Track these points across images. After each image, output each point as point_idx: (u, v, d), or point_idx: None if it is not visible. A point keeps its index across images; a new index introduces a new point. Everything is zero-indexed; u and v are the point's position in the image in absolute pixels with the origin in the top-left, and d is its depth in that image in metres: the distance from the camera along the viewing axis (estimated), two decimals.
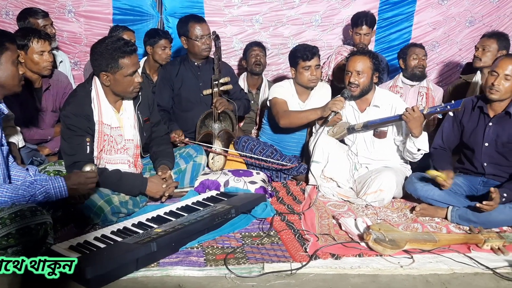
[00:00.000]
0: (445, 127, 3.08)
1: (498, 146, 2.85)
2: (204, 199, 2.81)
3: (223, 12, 4.58)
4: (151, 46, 3.94)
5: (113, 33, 3.89)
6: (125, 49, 2.57)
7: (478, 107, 2.91)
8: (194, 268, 2.09)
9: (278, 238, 2.47)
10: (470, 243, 2.44)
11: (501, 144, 2.84)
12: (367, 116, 3.24)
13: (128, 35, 3.80)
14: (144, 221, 2.43)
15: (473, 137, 2.94)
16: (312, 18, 4.70)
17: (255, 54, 4.12)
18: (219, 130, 3.55)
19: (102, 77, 2.61)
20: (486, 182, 2.93)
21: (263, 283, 2.00)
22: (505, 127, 2.82)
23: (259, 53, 4.13)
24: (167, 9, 4.50)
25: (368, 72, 3.15)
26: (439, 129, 3.12)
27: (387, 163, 3.24)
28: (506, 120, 2.82)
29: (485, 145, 2.89)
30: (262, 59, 4.15)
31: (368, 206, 3.00)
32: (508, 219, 2.66)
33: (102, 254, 2.02)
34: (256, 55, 4.12)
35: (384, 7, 4.71)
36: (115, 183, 2.64)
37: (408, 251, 2.31)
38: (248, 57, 4.16)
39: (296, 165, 3.38)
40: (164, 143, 3.06)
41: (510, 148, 2.83)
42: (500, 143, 2.84)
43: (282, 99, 3.44)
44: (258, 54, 4.13)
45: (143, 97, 2.86)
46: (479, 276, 2.14)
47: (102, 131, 2.67)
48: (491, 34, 3.67)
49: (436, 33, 4.81)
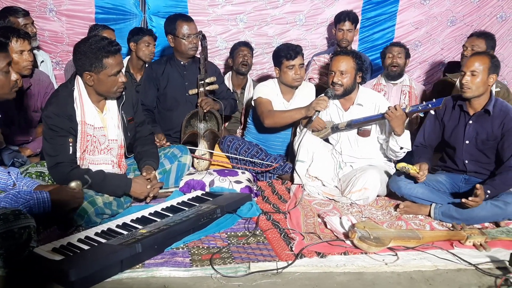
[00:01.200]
0: (427, 125, 3.12)
1: (478, 144, 2.91)
2: (190, 199, 2.80)
3: (207, 11, 4.56)
4: (135, 43, 3.92)
5: (92, 32, 3.86)
6: (109, 48, 2.53)
7: (458, 105, 2.96)
8: (180, 268, 2.08)
9: (264, 237, 2.47)
10: (453, 240, 2.48)
11: (481, 142, 2.89)
12: (350, 115, 3.27)
13: (108, 34, 3.76)
14: (128, 222, 2.41)
15: (454, 135, 2.99)
16: (296, 17, 4.71)
17: (243, 55, 4.11)
18: (205, 130, 3.54)
19: (86, 77, 2.58)
20: (468, 180, 2.98)
21: (249, 283, 2.00)
22: (484, 124, 2.87)
23: (247, 54, 4.12)
24: (150, 8, 4.46)
25: (351, 72, 3.17)
26: (421, 127, 3.17)
27: (371, 161, 3.27)
28: (485, 118, 2.87)
29: (466, 142, 2.93)
30: (249, 59, 4.14)
31: (353, 204, 3.02)
32: (489, 216, 2.71)
33: (86, 256, 2.00)
34: (244, 55, 4.11)
35: (367, 6, 4.74)
36: (99, 184, 2.61)
37: (393, 248, 2.34)
38: (235, 56, 4.15)
39: (279, 164, 3.38)
40: (149, 143, 3.03)
41: (489, 146, 2.88)
42: (480, 140, 2.89)
43: (266, 98, 3.44)
44: (246, 55, 4.11)
45: (127, 96, 2.83)
46: (462, 272, 2.18)
47: (85, 132, 2.63)
48: (480, 34, 3.74)
49: (419, 32, 4.87)
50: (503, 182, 2.77)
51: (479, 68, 2.78)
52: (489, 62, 2.79)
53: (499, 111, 2.84)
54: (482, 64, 2.79)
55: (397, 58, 3.95)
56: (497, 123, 2.83)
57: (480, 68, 2.78)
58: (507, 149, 2.81)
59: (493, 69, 2.80)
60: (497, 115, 2.84)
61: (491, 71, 2.80)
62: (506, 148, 2.81)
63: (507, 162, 2.80)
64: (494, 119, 2.84)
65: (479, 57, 2.84)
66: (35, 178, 2.61)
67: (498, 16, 4.89)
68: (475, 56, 2.88)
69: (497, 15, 4.88)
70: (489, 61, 2.80)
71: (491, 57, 2.85)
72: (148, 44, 3.93)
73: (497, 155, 2.89)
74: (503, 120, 2.81)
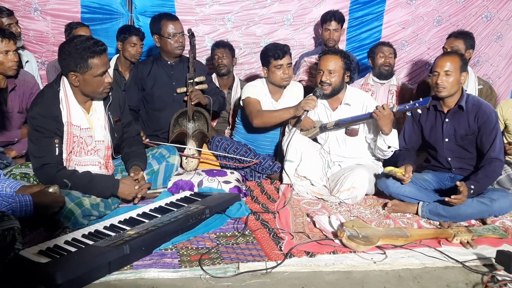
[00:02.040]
0: (406, 128, 3.17)
1: (458, 140, 2.96)
2: (178, 199, 2.78)
3: (194, 11, 4.54)
4: (122, 42, 3.90)
5: (67, 31, 3.82)
6: (94, 48, 2.51)
7: (432, 105, 3.01)
8: (169, 269, 2.06)
9: (253, 237, 2.47)
10: (440, 238, 2.50)
11: (460, 138, 2.94)
12: (338, 114, 3.28)
13: (84, 31, 3.72)
14: (116, 223, 2.39)
15: (433, 134, 3.03)
16: (284, 17, 4.72)
17: (218, 57, 4.10)
18: (194, 129, 3.52)
19: (71, 77, 2.55)
20: (453, 178, 3.02)
21: (238, 283, 1.99)
22: (460, 120, 2.93)
23: (221, 55, 4.09)
24: (137, 7, 4.42)
25: (339, 71, 3.18)
26: (401, 131, 3.20)
27: (359, 160, 3.29)
28: (460, 114, 2.92)
29: (446, 140, 2.98)
30: (225, 60, 4.10)
31: (341, 203, 3.04)
32: (475, 213, 2.75)
33: (73, 258, 1.97)
34: (218, 57, 4.09)
35: (354, 6, 4.76)
36: (86, 185, 2.58)
37: (381, 247, 2.35)
38: (213, 59, 4.15)
39: (259, 160, 3.38)
40: (136, 144, 3.01)
41: (468, 140, 2.93)
42: (459, 136, 2.94)
43: (255, 98, 3.44)
44: (220, 57, 4.09)
45: (114, 97, 2.81)
46: (449, 270, 2.20)
47: (71, 133, 2.60)
48: (457, 34, 3.77)
49: (405, 32, 4.90)
50: (486, 175, 2.80)
51: (451, 67, 2.85)
52: (460, 61, 2.88)
53: (471, 106, 2.90)
54: (454, 64, 2.86)
55: (389, 58, 3.98)
56: (472, 117, 2.89)
57: (452, 67, 2.85)
58: (486, 142, 2.86)
59: (464, 67, 2.88)
60: (470, 110, 2.90)
61: (462, 69, 2.88)
62: (485, 141, 2.86)
63: (487, 154, 2.86)
64: (468, 114, 2.90)
65: (450, 57, 2.91)
66: (20, 179, 2.58)
67: (483, 16, 4.95)
68: (446, 56, 2.95)
69: (482, 15, 4.94)
70: (459, 60, 2.88)
71: (460, 56, 2.94)
72: (134, 45, 3.90)
73: (477, 149, 2.94)
74: (477, 114, 2.87)
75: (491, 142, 2.84)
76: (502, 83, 5.14)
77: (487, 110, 2.88)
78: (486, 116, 2.85)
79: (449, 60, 2.87)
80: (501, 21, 4.99)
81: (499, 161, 2.85)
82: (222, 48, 4.13)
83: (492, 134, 2.85)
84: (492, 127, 2.85)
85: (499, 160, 2.84)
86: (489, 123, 2.85)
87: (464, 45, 3.69)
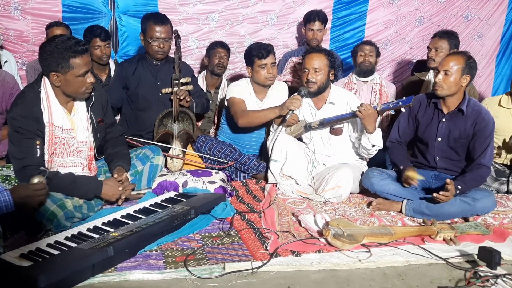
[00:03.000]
0: (401, 121, 3.17)
1: (450, 141, 2.97)
2: (163, 200, 2.76)
3: (177, 10, 4.51)
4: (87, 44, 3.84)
5: (48, 29, 3.74)
6: (76, 48, 2.47)
7: (433, 103, 3.01)
8: (154, 271, 2.05)
9: (238, 237, 2.47)
10: (424, 235, 2.53)
11: (453, 140, 2.96)
12: (323, 113, 3.29)
13: (61, 31, 3.65)
14: (100, 225, 2.36)
15: (427, 131, 3.05)
16: (268, 16, 4.72)
17: (219, 56, 4.06)
18: (179, 130, 3.49)
19: (52, 78, 2.51)
20: (438, 176, 3.05)
21: (224, 283, 1.99)
22: (457, 123, 2.94)
23: (223, 56, 4.07)
24: (119, 7, 4.37)
25: (324, 69, 3.20)
26: (395, 124, 3.21)
27: (343, 159, 3.30)
28: (458, 117, 2.93)
29: (438, 140, 3.00)
30: (225, 61, 4.09)
31: (326, 202, 3.05)
32: (459, 211, 2.78)
33: (56, 261, 1.94)
34: (220, 57, 4.06)
35: (337, 6, 4.79)
36: (68, 187, 2.54)
37: (366, 245, 2.37)
38: (211, 56, 4.10)
39: (232, 163, 3.38)
40: (120, 144, 2.97)
41: (461, 144, 2.95)
42: (453, 138, 2.96)
43: (240, 98, 3.43)
44: (222, 57, 4.06)
45: (96, 97, 2.77)
46: (433, 267, 2.22)
47: (53, 134, 2.56)
48: (441, 34, 3.79)
49: (388, 32, 4.95)
50: (473, 179, 2.84)
51: (453, 68, 2.82)
52: (464, 63, 2.83)
53: (472, 110, 2.90)
54: (456, 64, 2.83)
55: (369, 57, 4.02)
56: (469, 122, 2.90)
57: (454, 68, 2.82)
58: (478, 148, 2.88)
59: (467, 70, 2.84)
60: (470, 115, 2.90)
61: (465, 72, 2.84)
62: (478, 147, 2.88)
63: (477, 160, 2.88)
64: (467, 118, 2.90)
65: (455, 57, 2.88)
66: (1, 182, 2.52)
67: (464, 16, 5.03)
68: (451, 56, 2.92)
69: (463, 15, 5.02)
70: (464, 62, 2.83)
71: (467, 58, 2.87)
72: (97, 47, 3.79)
73: (467, 153, 2.97)
74: (476, 120, 2.88)
75: (484, 149, 2.86)
76: (483, 82, 5.22)
77: (486, 117, 2.88)
78: (484, 123, 2.86)
79: (452, 60, 2.85)
80: (481, 21, 5.07)
81: (487, 169, 2.88)
82: (225, 49, 4.11)
83: (486, 141, 2.86)
84: (488, 134, 2.86)
85: (487, 168, 2.88)
86: (485, 131, 2.86)
87: (449, 44, 3.72)
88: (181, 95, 3.42)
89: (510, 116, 3.48)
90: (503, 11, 5.10)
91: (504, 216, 2.85)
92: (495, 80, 5.28)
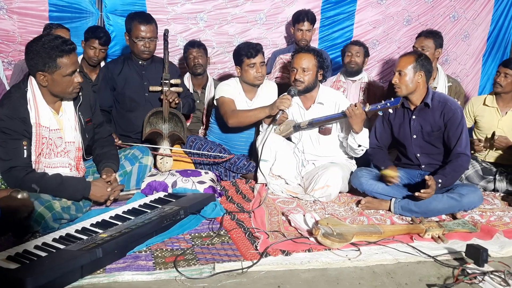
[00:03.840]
0: (377, 126, 3.23)
1: (425, 136, 3.03)
2: (152, 201, 2.75)
3: (166, 10, 4.49)
4: (84, 42, 3.82)
5: (46, 31, 3.70)
6: (63, 47, 2.44)
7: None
8: (143, 272, 2.03)
9: (228, 237, 2.46)
10: (412, 233, 2.55)
11: (426, 134, 3.02)
12: (312, 113, 3.30)
13: (63, 33, 3.62)
14: (88, 226, 2.34)
15: (401, 132, 3.10)
16: (257, 16, 4.72)
17: (193, 57, 4.03)
18: (169, 131, 3.47)
19: (39, 77, 2.48)
20: (423, 174, 3.07)
21: (214, 284, 1.98)
22: (426, 117, 3.00)
23: (197, 54, 4.03)
24: (107, 6, 4.33)
25: (313, 69, 3.21)
26: (372, 129, 3.26)
27: (333, 159, 3.32)
28: (426, 111, 2.99)
29: (414, 137, 3.05)
30: (201, 59, 4.04)
31: (316, 201, 3.06)
32: (446, 208, 2.82)
33: (44, 263, 1.92)
34: (194, 57, 4.03)
35: (326, 6, 4.81)
36: (56, 188, 2.52)
37: (355, 243, 2.38)
38: (187, 59, 4.09)
39: (233, 155, 3.38)
40: (108, 145, 2.95)
41: (435, 136, 3.01)
42: (426, 132, 3.01)
43: (229, 98, 3.42)
44: (196, 56, 4.03)
45: (84, 97, 2.75)
46: (422, 264, 2.24)
47: (40, 134, 2.53)
48: (426, 34, 3.85)
49: (376, 31, 4.99)
50: (453, 170, 2.87)
51: (405, 67, 2.91)
52: (415, 61, 2.92)
53: (437, 102, 2.97)
54: (408, 64, 2.92)
55: (355, 57, 4.05)
56: (437, 114, 2.96)
57: (406, 67, 2.91)
58: (452, 137, 2.94)
59: (419, 67, 2.93)
60: (436, 107, 2.97)
61: (418, 69, 2.92)
62: (452, 137, 2.94)
63: (454, 149, 2.93)
64: (434, 110, 2.97)
65: (406, 57, 2.98)
66: None
67: (450, 15, 5.08)
68: (402, 57, 3.02)
69: (450, 14, 5.08)
70: (414, 60, 2.93)
71: (418, 56, 2.97)
72: (92, 48, 3.79)
73: (444, 144, 3.01)
74: (443, 111, 2.95)
75: (458, 138, 2.92)
76: (470, 81, 5.29)
77: (452, 106, 2.95)
78: (452, 112, 2.92)
79: (404, 60, 2.95)
80: (468, 20, 5.14)
81: (466, 156, 2.92)
82: (198, 48, 4.07)
83: (458, 129, 2.92)
84: (458, 122, 2.92)
85: (465, 155, 2.92)
86: (455, 119, 2.92)
87: (434, 44, 3.78)
88: (170, 97, 3.41)
89: (495, 114, 3.54)
90: (489, 11, 5.17)
91: (491, 214, 2.88)
92: (482, 79, 5.35)
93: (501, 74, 3.46)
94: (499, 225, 2.73)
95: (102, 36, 3.81)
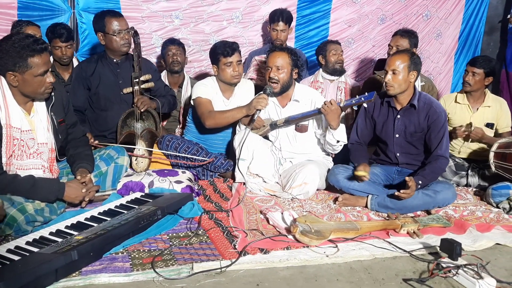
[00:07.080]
0: (359, 122, 3.25)
1: (407, 136, 3.07)
2: (128, 201, 2.71)
3: (140, 8, 4.43)
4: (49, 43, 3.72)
5: (15, 28, 3.59)
6: (34, 47, 2.38)
7: (386, 101, 3.11)
8: (120, 274, 2.01)
9: (206, 236, 2.45)
10: (388, 229, 2.59)
11: (409, 134, 3.06)
12: (288, 111, 3.32)
13: (33, 30, 3.52)
14: (62, 228, 2.29)
15: (384, 130, 3.13)
16: (233, 14, 4.70)
17: (172, 54, 4.00)
18: (142, 129, 3.43)
19: (9, 77, 2.41)
20: (400, 171, 3.14)
21: (192, 284, 1.97)
22: (411, 118, 3.04)
23: (176, 52, 4.01)
24: (79, 3, 4.24)
25: (287, 68, 3.22)
26: (354, 125, 3.29)
27: (309, 156, 3.34)
28: (411, 112, 3.03)
29: (396, 136, 3.09)
30: (179, 57, 4.02)
31: (293, 199, 3.07)
32: (421, 204, 2.87)
33: (17, 267, 1.87)
34: (173, 54, 4.00)
35: (302, 4, 4.83)
36: (29, 190, 2.45)
37: (333, 240, 2.40)
38: (165, 56, 4.06)
39: (212, 159, 3.37)
40: (82, 145, 2.90)
41: (417, 137, 3.06)
42: (409, 133, 3.05)
43: (206, 98, 3.40)
44: (175, 53, 4.00)
45: (57, 97, 2.68)
46: (398, 259, 2.28)
47: (11, 135, 2.46)
48: (402, 33, 3.90)
49: (351, 30, 5.04)
50: (432, 171, 2.93)
51: (399, 66, 2.93)
52: (409, 60, 2.94)
53: (423, 104, 3.01)
54: (402, 63, 2.93)
55: (341, 55, 4.08)
56: (422, 116, 3.00)
57: (400, 66, 2.93)
58: (434, 140, 2.98)
59: (413, 66, 2.95)
60: (422, 109, 3.01)
61: (411, 68, 2.94)
62: (433, 139, 2.99)
63: (434, 152, 2.98)
64: (419, 112, 3.01)
65: (399, 56, 2.98)
66: None
67: (423, 14, 5.17)
68: (396, 55, 3.01)
69: (423, 13, 5.17)
70: (408, 59, 2.94)
71: (411, 55, 2.99)
72: (57, 48, 3.69)
73: (425, 146, 3.07)
74: (428, 113, 2.99)
75: (439, 140, 2.96)
76: (442, 79, 5.40)
77: (437, 109, 2.99)
78: (436, 115, 2.97)
79: (398, 59, 2.94)
80: (440, 19, 5.24)
81: (445, 159, 2.99)
82: (176, 45, 4.05)
83: (441, 132, 2.97)
84: (441, 126, 2.97)
85: (445, 158, 2.98)
86: (438, 122, 2.96)
87: (409, 43, 3.83)
88: (141, 107, 3.36)
89: (466, 111, 3.61)
90: (461, 10, 5.29)
91: (464, 209, 2.95)
92: (454, 77, 5.47)
93: (469, 73, 3.51)
94: (471, 220, 2.80)
95: (63, 33, 3.69)
